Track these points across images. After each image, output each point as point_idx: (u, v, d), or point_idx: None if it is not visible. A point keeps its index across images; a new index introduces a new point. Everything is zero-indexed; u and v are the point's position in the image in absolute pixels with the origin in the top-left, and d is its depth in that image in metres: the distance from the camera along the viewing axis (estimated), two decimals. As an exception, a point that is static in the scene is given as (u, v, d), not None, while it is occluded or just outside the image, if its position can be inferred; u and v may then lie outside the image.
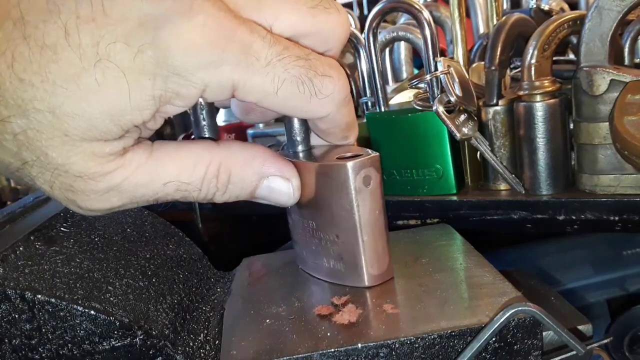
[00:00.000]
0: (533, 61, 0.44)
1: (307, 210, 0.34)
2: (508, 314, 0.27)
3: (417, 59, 0.76)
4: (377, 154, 0.31)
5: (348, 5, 1.06)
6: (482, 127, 0.49)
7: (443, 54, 0.59)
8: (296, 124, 0.33)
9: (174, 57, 0.25)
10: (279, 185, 0.31)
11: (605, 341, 0.38)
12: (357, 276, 0.33)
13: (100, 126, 0.25)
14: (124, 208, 0.28)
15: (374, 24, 0.51)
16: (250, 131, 0.67)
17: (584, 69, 0.42)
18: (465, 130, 0.46)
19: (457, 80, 0.46)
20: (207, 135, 0.31)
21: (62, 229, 0.34)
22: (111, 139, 0.26)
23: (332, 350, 0.27)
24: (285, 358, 0.27)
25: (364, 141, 0.56)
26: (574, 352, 0.30)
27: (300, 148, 0.34)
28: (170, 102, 0.26)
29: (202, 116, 0.30)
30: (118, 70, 0.24)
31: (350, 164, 0.30)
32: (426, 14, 0.48)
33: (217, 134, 0.31)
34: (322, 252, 0.34)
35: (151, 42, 0.24)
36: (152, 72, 0.25)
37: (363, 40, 0.54)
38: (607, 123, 0.42)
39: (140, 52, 0.24)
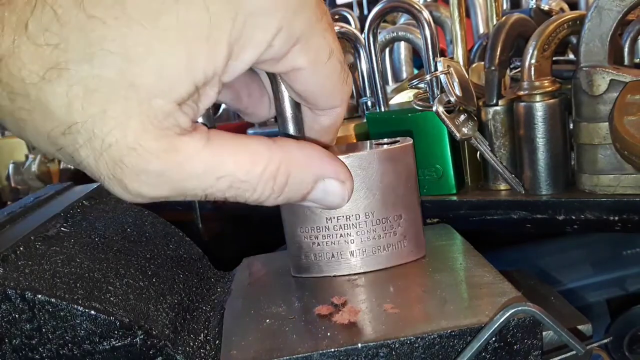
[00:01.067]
0: (533, 61, 0.44)
1: (360, 204, 0.34)
2: (508, 314, 0.27)
3: (417, 59, 0.76)
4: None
5: (348, 6, 1.06)
6: (482, 127, 0.49)
7: (443, 54, 0.59)
8: (291, 128, 0.33)
9: None
10: (334, 187, 0.30)
11: (605, 341, 0.38)
12: (419, 248, 0.36)
13: (172, 73, 0.23)
14: (169, 199, 0.26)
15: (374, 24, 0.51)
16: (250, 131, 0.67)
17: (584, 69, 0.42)
18: (465, 130, 0.46)
19: (457, 80, 0.46)
20: None
21: (62, 229, 0.34)
22: (178, 96, 0.24)
23: (332, 350, 0.27)
24: (285, 358, 0.27)
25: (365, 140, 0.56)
26: (574, 352, 0.30)
27: None
28: (241, 54, 0.25)
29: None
30: (202, 5, 0.23)
31: (411, 143, 0.34)
32: (426, 14, 0.48)
33: None
34: (377, 241, 0.34)
35: None
36: (235, 7, 0.23)
37: (363, 41, 0.54)
38: (607, 123, 0.42)
39: None
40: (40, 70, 0.22)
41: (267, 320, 0.31)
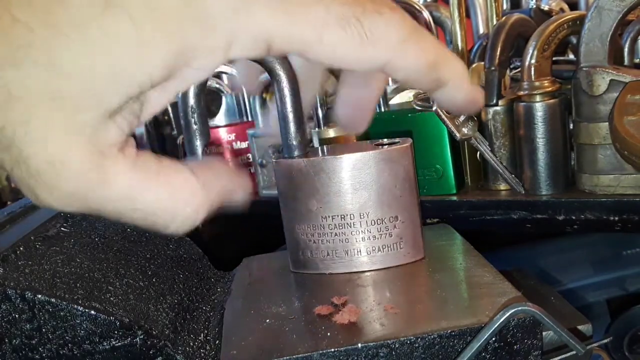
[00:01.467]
0: (533, 61, 0.44)
1: (355, 205, 0.34)
2: (508, 314, 0.27)
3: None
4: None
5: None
6: (482, 127, 0.49)
7: (443, 54, 0.59)
8: (292, 128, 0.33)
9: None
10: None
11: (605, 341, 0.38)
12: (417, 250, 0.35)
13: (98, 86, 0.22)
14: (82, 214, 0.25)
15: (374, 24, 0.51)
16: (250, 131, 0.67)
17: (584, 69, 0.42)
18: (465, 130, 0.46)
19: (457, 80, 0.46)
20: (198, 141, 0.30)
21: (62, 229, 0.34)
22: (107, 109, 0.22)
23: (332, 350, 0.27)
24: (285, 358, 0.27)
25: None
26: (574, 352, 0.30)
27: (296, 153, 0.34)
28: (188, 64, 0.23)
29: (193, 120, 0.29)
30: (130, 17, 0.21)
31: (410, 144, 0.34)
32: (426, 14, 0.48)
33: (208, 140, 0.30)
34: (372, 242, 0.35)
35: None
36: (171, 18, 0.22)
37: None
38: (607, 123, 0.42)
39: None
40: None
41: (267, 320, 0.31)
